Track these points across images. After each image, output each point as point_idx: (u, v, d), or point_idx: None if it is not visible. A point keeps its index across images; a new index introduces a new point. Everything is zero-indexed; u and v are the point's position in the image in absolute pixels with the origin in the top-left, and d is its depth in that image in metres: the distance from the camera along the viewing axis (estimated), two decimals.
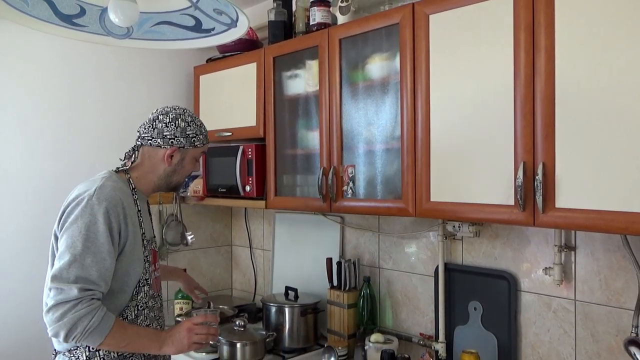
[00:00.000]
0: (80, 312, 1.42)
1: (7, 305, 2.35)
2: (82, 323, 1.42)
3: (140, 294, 1.63)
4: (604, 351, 1.71)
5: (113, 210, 1.53)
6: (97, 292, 1.47)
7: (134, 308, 1.61)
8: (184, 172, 1.74)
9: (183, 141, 1.68)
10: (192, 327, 1.60)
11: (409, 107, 1.80)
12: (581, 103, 1.41)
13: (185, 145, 1.68)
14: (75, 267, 1.45)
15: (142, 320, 1.64)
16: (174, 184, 1.75)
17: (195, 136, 1.70)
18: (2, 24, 2.32)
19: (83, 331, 1.42)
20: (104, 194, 1.54)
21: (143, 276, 1.63)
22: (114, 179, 1.64)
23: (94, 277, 1.46)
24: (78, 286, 1.43)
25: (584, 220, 1.41)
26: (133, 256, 1.60)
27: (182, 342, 1.58)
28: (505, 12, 1.55)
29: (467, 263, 2.07)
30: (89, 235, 1.48)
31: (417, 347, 2.18)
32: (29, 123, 2.42)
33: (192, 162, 1.74)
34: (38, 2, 1.37)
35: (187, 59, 2.93)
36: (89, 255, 1.47)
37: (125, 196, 1.61)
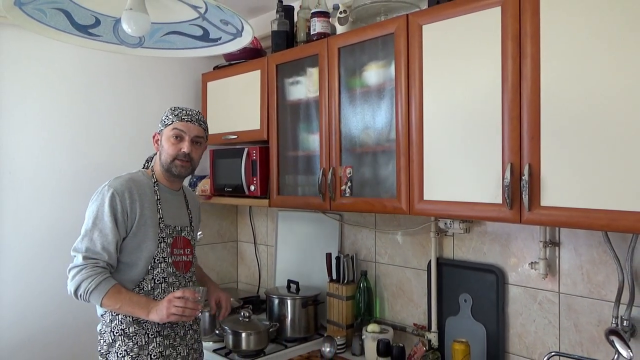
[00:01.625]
0: (83, 275, 1.65)
1: (26, 297, 2.35)
2: (83, 285, 1.64)
3: (156, 270, 1.77)
4: (586, 340, 1.71)
5: (119, 196, 1.72)
6: (101, 261, 1.68)
7: (150, 281, 1.76)
8: (165, 152, 1.81)
9: (160, 125, 1.85)
10: (171, 299, 1.66)
11: (403, 111, 1.80)
12: (565, 108, 1.41)
13: (160, 127, 1.85)
14: (86, 240, 1.70)
15: (159, 293, 1.77)
16: (165, 166, 1.82)
17: (165, 118, 1.84)
18: (23, 34, 2.32)
19: (85, 290, 1.64)
20: (114, 183, 1.75)
21: (160, 254, 1.77)
22: (138, 174, 1.84)
23: (98, 248, 1.69)
24: (83, 255, 1.67)
25: (567, 218, 1.41)
26: (145, 235, 1.75)
27: (162, 312, 1.66)
28: (493, 22, 1.55)
29: (457, 258, 2.06)
30: (97, 215, 1.71)
31: (411, 337, 2.18)
32: (47, 126, 2.42)
33: (167, 140, 1.81)
34: (56, 14, 1.37)
35: (196, 67, 2.93)
36: (96, 231, 1.70)
37: (142, 186, 1.79)
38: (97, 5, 1.39)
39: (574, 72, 1.39)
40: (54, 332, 2.42)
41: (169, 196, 1.87)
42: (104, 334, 1.75)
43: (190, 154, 1.81)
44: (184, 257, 1.86)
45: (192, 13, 1.44)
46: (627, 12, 1.29)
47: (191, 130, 1.82)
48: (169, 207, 1.85)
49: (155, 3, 1.38)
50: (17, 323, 2.33)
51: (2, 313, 2.30)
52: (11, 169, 2.32)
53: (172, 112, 1.84)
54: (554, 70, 1.43)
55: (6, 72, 2.31)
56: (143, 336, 1.74)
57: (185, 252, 1.87)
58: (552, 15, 1.43)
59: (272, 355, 2.20)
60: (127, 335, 1.73)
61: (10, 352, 2.30)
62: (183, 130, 1.81)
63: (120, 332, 1.73)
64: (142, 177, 1.83)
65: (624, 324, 1.58)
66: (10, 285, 2.32)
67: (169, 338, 1.80)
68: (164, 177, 1.86)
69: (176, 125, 1.80)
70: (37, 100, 2.39)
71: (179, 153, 1.80)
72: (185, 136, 1.81)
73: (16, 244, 2.34)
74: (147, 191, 1.80)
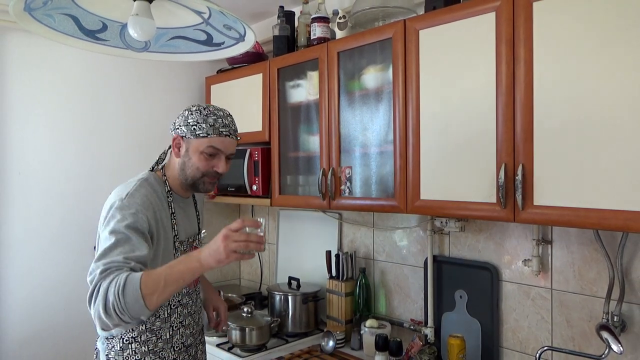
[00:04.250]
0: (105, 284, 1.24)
1: (35, 294, 2.36)
2: (111, 289, 1.22)
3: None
4: (578, 335, 1.71)
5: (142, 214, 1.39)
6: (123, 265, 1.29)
7: (166, 307, 1.49)
8: (192, 165, 1.49)
9: (184, 130, 1.47)
10: (228, 233, 1.27)
11: (400, 113, 1.80)
12: (557, 110, 1.41)
13: (187, 134, 1.47)
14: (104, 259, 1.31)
15: (175, 318, 1.52)
16: (189, 179, 1.51)
17: (196, 124, 1.46)
18: (32, 38, 2.32)
19: (115, 294, 1.21)
20: (134, 200, 1.41)
21: None
22: (150, 181, 1.50)
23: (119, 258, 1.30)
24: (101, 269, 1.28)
25: (559, 217, 1.41)
26: (166, 249, 1.47)
27: (219, 252, 1.26)
28: (488, 27, 1.55)
29: (453, 255, 2.06)
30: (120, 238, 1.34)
31: (408, 332, 2.18)
32: (56, 128, 2.42)
33: (197, 155, 1.48)
34: (64, 19, 1.37)
35: (200, 70, 2.93)
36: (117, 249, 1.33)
37: (157, 201, 1.47)
38: (104, 10, 1.40)
39: (566, 76, 1.39)
40: (62, 329, 2.42)
41: (182, 206, 1.59)
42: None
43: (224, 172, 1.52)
44: None
45: (196, 18, 1.44)
46: (617, 18, 1.29)
47: (228, 147, 1.50)
48: (181, 220, 1.57)
49: (161, 8, 1.38)
50: (26, 319, 2.33)
51: (12, 310, 2.30)
52: (21, 170, 2.33)
53: (206, 119, 1.46)
54: (547, 73, 1.43)
55: (16, 76, 2.31)
56: None
57: None
58: (545, 20, 1.43)
59: (274, 350, 2.20)
60: None
61: (18, 348, 2.31)
62: (221, 150, 1.48)
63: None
64: (156, 186, 1.50)
65: (615, 320, 1.58)
66: (19, 282, 2.32)
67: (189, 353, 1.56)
68: (180, 187, 1.55)
69: (213, 143, 1.46)
70: (46, 103, 2.39)
71: (210, 171, 1.49)
72: (222, 155, 1.49)
73: (25, 242, 2.34)
74: (163, 205, 1.49)
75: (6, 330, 2.28)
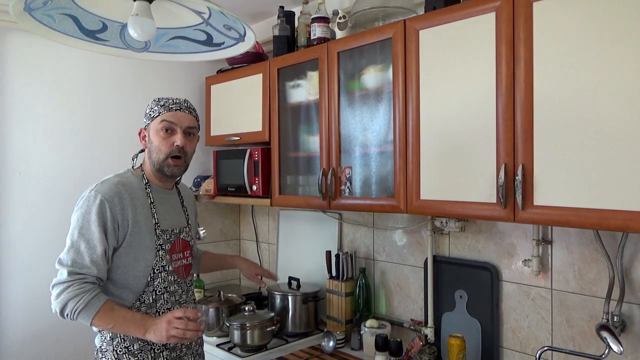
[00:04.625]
0: (70, 294, 1.45)
1: (35, 294, 2.35)
2: (70, 304, 1.45)
3: (157, 280, 1.60)
4: (578, 335, 1.71)
5: (108, 202, 1.52)
6: (89, 276, 1.48)
7: (151, 293, 1.59)
8: (155, 147, 1.61)
9: (145, 120, 1.65)
10: (171, 319, 1.48)
11: (400, 113, 1.80)
12: (557, 110, 1.41)
13: (146, 122, 1.64)
14: (72, 252, 1.50)
15: (161, 304, 1.61)
16: (156, 164, 1.62)
17: (151, 110, 1.62)
18: (32, 39, 2.32)
19: (72, 310, 1.45)
20: (102, 188, 1.54)
21: (158, 263, 1.60)
22: (128, 175, 1.63)
23: (86, 262, 1.48)
24: (68, 269, 1.47)
25: (559, 217, 1.41)
26: (141, 244, 1.57)
27: (161, 333, 1.47)
28: (488, 27, 1.55)
29: (453, 255, 2.06)
30: (83, 225, 1.50)
31: (408, 332, 2.18)
32: (56, 128, 2.42)
33: (156, 134, 1.60)
34: (64, 19, 1.37)
35: (200, 70, 2.93)
36: (82, 242, 1.50)
37: (133, 189, 1.59)
38: (104, 10, 1.39)
39: (566, 76, 1.39)
40: (62, 329, 2.41)
41: (163, 196, 1.68)
42: (106, 353, 1.55)
43: (185, 147, 1.61)
44: (183, 260, 1.70)
45: (196, 18, 1.44)
46: (617, 18, 1.29)
47: (182, 120, 1.61)
48: (164, 210, 1.66)
49: (161, 9, 1.38)
50: (26, 319, 2.33)
51: (12, 310, 2.30)
52: (21, 170, 2.32)
53: (157, 102, 1.61)
54: (547, 73, 1.43)
55: (16, 76, 2.31)
56: (149, 352, 1.57)
57: (184, 254, 1.71)
58: (544, 20, 1.43)
59: (274, 350, 2.20)
60: (132, 354, 1.54)
61: (19, 348, 2.31)
62: (173, 122, 1.59)
63: (124, 350, 1.54)
64: (132, 178, 1.62)
65: (615, 320, 1.58)
66: (19, 282, 2.32)
67: (176, 350, 1.65)
68: (155, 177, 1.66)
69: (165, 117, 1.59)
70: (46, 103, 2.39)
71: (172, 148, 1.59)
72: (176, 128, 1.60)
73: (25, 242, 2.34)
74: (139, 194, 1.59)
75: (6, 330, 2.28)
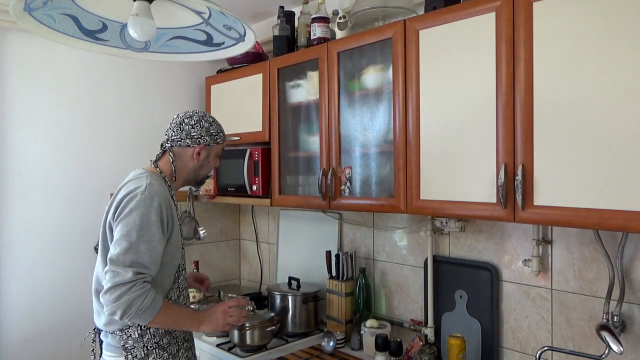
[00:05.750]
0: (135, 294, 1.47)
1: (36, 294, 2.36)
2: (136, 304, 1.47)
3: (180, 278, 1.70)
4: (578, 335, 1.71)
5: (163, 204, 1.59)
6: (148, 276, 1.52)
7: (176, 289, 1.68)
8: (209, 166, 1.80)
9: (208, 139, 1.74)
10: (227, 309, 1.68)
11: (400, 113, 1.80)
12: (557, 110, 1.41)
13: (210, 143, 1.75)
14: (131, 253, 1.50)
15: (182, 300, 1.71)
16: (200, 177, 1.80)
17: (217, 134, 1.77)
18: (32, 39, 2.32)
19: (137, 310, 1.47)
20: (154, 190, 1.59)
21: (182, 262, 1.71)
22: (155, 177, 1.66)
23: (146, 262, 1.51)
24: (133, 270, 1.48)
25: (559, 217, 1.41)
26: (176, 244, 1.66)
27: (218, 323, 1.66)
28: (488, 27, 1.55)
29: (453, 255, 2.06)
30: (143, 225, 1.52)
31: (408, 332, 2.18)
32: (55, 128, 2.42)
33: (215, 157, 1.80)
34: (64, 19, 1.37)
35: (200, 70, 2.93)
36: (142, 243, 1.51)
37: (167, 192, 1.67)
38: (104, 10, 1.39)
39: (566, 76, 1.39)
40: (63, 328, 2.42)
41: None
42: (133, 349, 1.60)
43: None
44: None
45: (196, 18, 1.44)
46: (616, 19, 1.29)
47: None
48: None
49: (161, 9, 1.38)
50: (26, 319, 2.33)
51: (12, 309, 2.30)
52: (21, 170, 2.33)
53: (220, 128, 1.80)
54: (547, 74, 1.43)
55: (16, 76, 2.31)
56: (174, 345, 1.67)
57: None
58: (544, 20, 1.43)
59: (274, 350, 2.20)
60: (161, 348, 1.63)
61: (20, 347, 2.31)
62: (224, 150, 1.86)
63: (154, 345, 1.62)
64: (163, 183, 1.69)
65: (615, 320, 1.58)
66: (20, 282, 2.32)
67: (189, 341, 1.77)
68: (179, 183, 1.77)
69: (225, 146, 1.84)
70: (46, 103, 2.39)
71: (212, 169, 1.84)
72: None
73: (26, 242, 2.34)
74: (171, 199, 1.69)
75: (6, 330, 2.28)
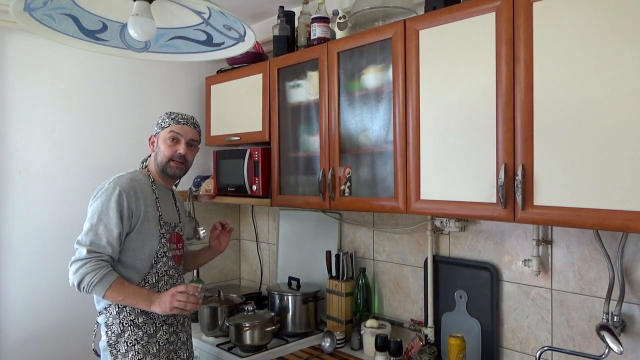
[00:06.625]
0: (87, 269, 1.66)
1: (35, 293, 2.36)
2: (87, 277, 1.66)
3: (159, 264, 1.82)
4: (578, 335, 1.71)
5: (125, 193, 1.75)
6: (105, 255, 1.70)
7: (154, 274, 1.81)
8: (161, 152, 1.87)
9: (156, 128, 1.91)
10: (174, 293, 1.73)
11: (400, 113, 1.80)
12: (557, 110, 1.41)
13: (156, 130, 1.90)
14: (91, 234, 1.71)
15: (162, 285, 1.83)
16: (160, 166, 1.88)
17: (162, 121, 1.89)
18: (32, 39, 2.32)
19: (89, 283, 1.66)
20: (120, 182, 1.78)
21: (161, 249, 1.83)
22: (136, 173, 1.87)
23: (103, 242, 1.70)
24: (88, 248, 1.69)
25: (559, 217, 1.41)
26: (148, 231, 1.79)
27: (165, 305, 1.72)
28: (488, 27, 1.55)
29: (453, 255, 2.06)
30: (102, 210, 1.73)
31: (408, 332, 2.18)
32: (55, 128, 2.42)
33: (164, 142, 1.86)
34: (64, 19, 1.37)
35: (200, 70, 2.93)
36: (100, 226, 1.71)
37: (143, 185, 1.83)
38: (104, 10, 1.39)
39: (566, 76, 1.39)
40: (62, 327, 2.42)
41: (164, 194, 1.92)
42: (112, 326, 1.76)
43: (186, 155, 1.88)
44: (177, 251, 1.92)
45: (196, 18, 1.44)
46: (617, 18, 1.29)
47: (187, 133, 1.89)
48: (165, 205, 1.90)
49: (161, 9, 1.38)
50: (26, 318, 2.33)
51: (12, 309, 2.30)
52: (21, 170, 2.33)
53: (169, 116, 1.89)
54: (547, 74, 1.43)
55: (16, 76, 2.31)
56: (151, 325, 1.79)
57: (178, 246, 1.93)
58: (544, 20, 1.43)
59: (274, 350, 2.20)
60: (136, 325, 1.76)
61: (19, 347, 2.31)
62: (179, 133, 1.87)
63: (129, 322, 1.76)
64: (141, 176, 1.87)
65: (615, 320, 1.58)
66: (19, 281, 2.32)
67: (173, 326, 1.86)
68: (159, 177, 1.91)
69: (173, 128, 1.87)
70: (45, 104, 2.39)
71: (174, 154, 1.86)
72: (181, 139, 1.87)
73: (26, 241, 2.34)
74: (147, 190, 1.84)
75: (6, 330, 2.28)
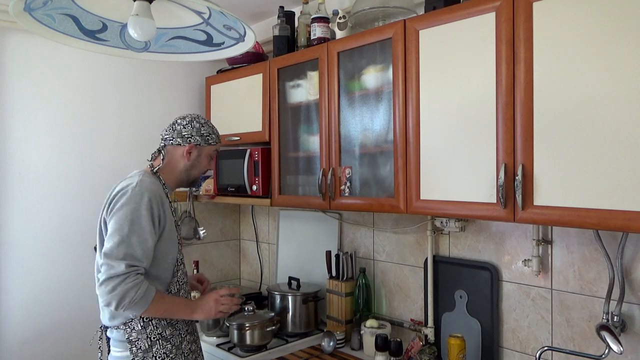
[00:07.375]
0: (128, 285, 1.53)
1: (36, 293, 2.36)
2: (129, 294, 1.53)
3: (179, 272, 1.75)
4: (578, 335, 1.71)
5: (154, 199, 1.64)
6: (141, 268, 1.58)
7: (176, 283, 1.74)
8: (201, 167, 1.82)
9: (198, 139, 1.78)
10: (218, 298, 1.74)
11: (400, 113, 1.80)
12: (557, 110, 1.41)
13: (201, 143, 1.79)
14: (123, 246, 1.56)
15: (183, 293, 1.77)
16: (192, 177, 1.83)
17: (208, 135, 1.81)
18: (32, 39, 2.32)
19: (131, 301, 1.53)
20: (144, 186, 1.65)
21: (179, 256, 1.75)
22: (148, 175, 1.74)
23: (138, 254, 1.57)
24: (125, 262, 1.54)
25: (559, 217, 1.41)
26: (170, 238, 1.71)
27: (210, 311, 1.73)
28: (488, 27, 1.55)
29: (453, 255, 2.06)
30: (134, 220, 1.58)
31: (408, 332, 2.18)
32: (55, 128, 2.42)
33: (207, 158, 1.83)
34: (64, 19, 1.37)
35: (200, 70, 2.93)
36: (134, 236, 1.57)
37: (159, 189, 1.72)
38: (105, 11, 1.39)
39: (566, 76, 1.39)
40: (63, 328, 2.42)
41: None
42: (137, 342, 1.64)
43: None
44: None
45: (196, 18, 1.44)
46: (616, 18, 1.29)
47: None
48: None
49: (161, 9, 1.38)
50: (26, 319, 2.33)
51: (12, 309, 2.30)
52: (20, 170, 2.33)
53: (213, 130, 1.83)
54: (547, 74, 1.43)
55: (16, 76, 2.31)
56: (177, 337, 1.72)
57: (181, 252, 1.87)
58: (544, 20, 1.43)
59: (274, 350, 2.20)
60: (164, 339, 1.68)
61: (20, 347, 2.31)
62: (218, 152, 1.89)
63: (157, 336, 1.67)
64: (156, 180, 1.75)
65: (615, 320, 1.58)
66: (20, 281, 2.32)
67: (194, 334, 1.82)
68: (173, 183, 1.82)
69: (218, 148, 1.85)
70: (45, 104, 2.39)
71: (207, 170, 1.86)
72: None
73: (25, 242, 2.34)
74: (164, 195, 1.74)
75: (6, 330, 2.28)
